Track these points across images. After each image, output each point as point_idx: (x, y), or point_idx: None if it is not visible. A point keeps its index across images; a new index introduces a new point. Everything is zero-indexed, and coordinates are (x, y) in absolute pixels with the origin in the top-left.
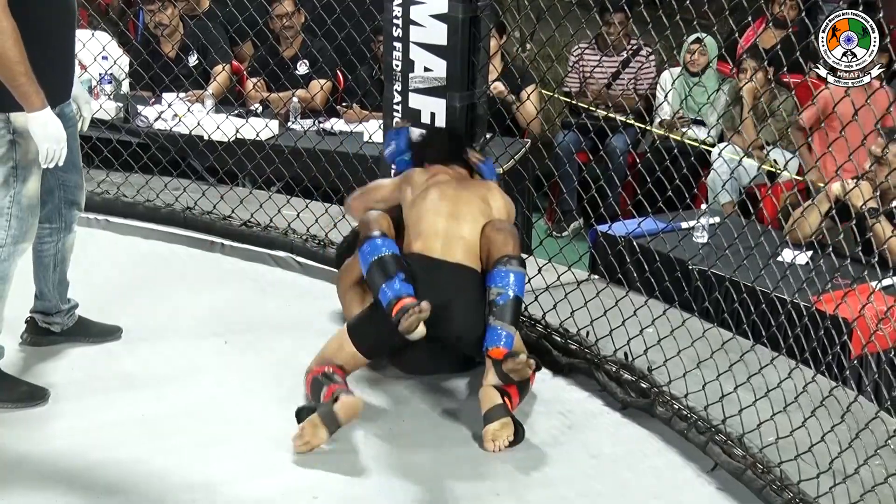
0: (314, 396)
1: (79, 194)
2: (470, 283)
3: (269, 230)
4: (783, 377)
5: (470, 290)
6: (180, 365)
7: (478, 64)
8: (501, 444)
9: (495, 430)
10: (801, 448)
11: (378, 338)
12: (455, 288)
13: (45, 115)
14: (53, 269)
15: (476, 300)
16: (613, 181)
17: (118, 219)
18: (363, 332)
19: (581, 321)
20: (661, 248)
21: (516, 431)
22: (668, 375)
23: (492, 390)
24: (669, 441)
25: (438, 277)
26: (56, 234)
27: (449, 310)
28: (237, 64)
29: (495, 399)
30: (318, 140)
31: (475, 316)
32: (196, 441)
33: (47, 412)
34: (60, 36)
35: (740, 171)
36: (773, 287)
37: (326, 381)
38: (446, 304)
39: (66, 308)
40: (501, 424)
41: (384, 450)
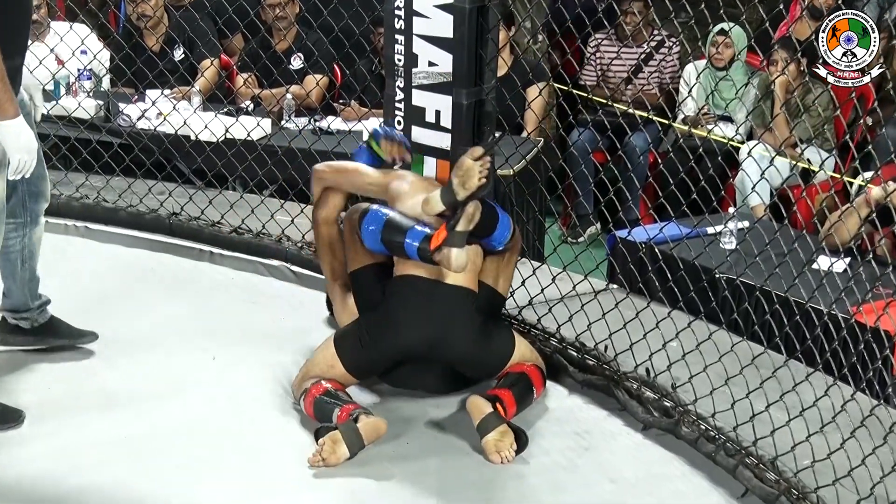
0: (321, 418)
1: (42, 184)
2: (469, 304)
3: (261, 237)
4: (819, 395)
5: (469, 312)
6: (165, 382)
7: (486, 57)
8: (507, 454)
9: (495, 441)
10: (840, 472)
11: (370, 362)
12: (454, 311)
13: (19, 125)
14: (22, 265)
15: (477, 322)
16: (633, 183)
17: (98, 225)
18: (353, 357)
19: (599, 334)
20: (686, 255)
21: (518, 437)
22: (694, 393)
23: (479, 399)
24: (695, 464)
25: (436, 300)
26: (21, 228)
27: (449, 334)
28: (226, 58)
29: (484, 408)
30: (313, 140)
31: (476, 339)
32: (181, 463)
33: (22, 433)
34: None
35: (772, 172)
36: (809, 297)
37: (335, 401)
38: (446, 328)
39: (36, 305)
40: (499, 434)
41: (387, 474)
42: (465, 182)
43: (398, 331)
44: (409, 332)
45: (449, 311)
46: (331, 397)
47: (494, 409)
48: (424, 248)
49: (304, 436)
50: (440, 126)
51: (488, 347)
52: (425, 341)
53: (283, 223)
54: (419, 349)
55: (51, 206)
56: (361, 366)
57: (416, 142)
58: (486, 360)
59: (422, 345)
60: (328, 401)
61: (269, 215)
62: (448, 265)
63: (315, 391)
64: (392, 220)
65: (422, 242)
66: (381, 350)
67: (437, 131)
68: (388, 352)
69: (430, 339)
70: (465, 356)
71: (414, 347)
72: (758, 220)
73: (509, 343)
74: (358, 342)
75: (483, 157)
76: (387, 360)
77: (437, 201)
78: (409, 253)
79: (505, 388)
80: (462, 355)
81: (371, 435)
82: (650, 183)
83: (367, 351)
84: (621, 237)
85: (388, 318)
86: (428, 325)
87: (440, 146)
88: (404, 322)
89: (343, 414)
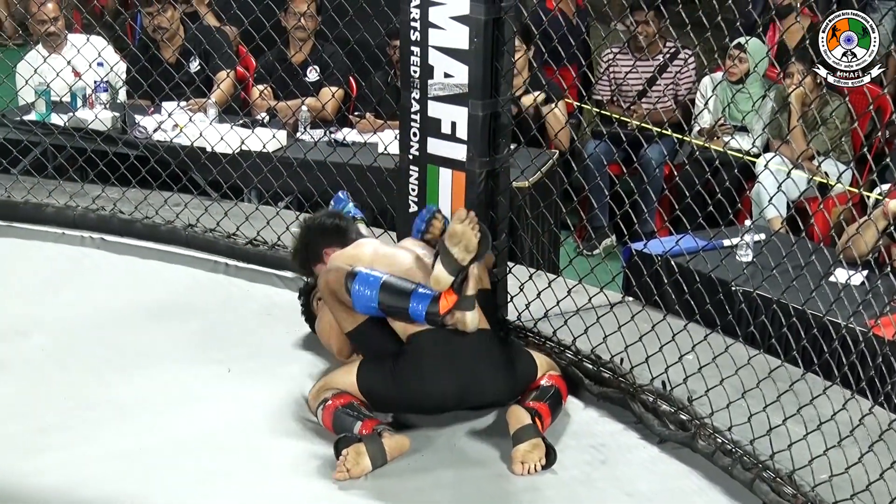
0: (339, 429)
1: None
2: (487, 343)
3: (276, 249)
4: (837, 408)
5: (490, 352)
6: (179, 394)
7: (502, 69)
8: (532, 467)
9: (525, 452)
10: (858, 486)
11: (392, 404)
12: (478, 355)
13: None
14: None
15: (499, 359)
16: (649, 195)
17: (114, 237)
18: (375, 392)
19: (614, 347)
20: (702, 267)
21: (548, 454)
22: (711, 406)
23: (520, 410)
24: (712, 478)
25: (458, 348)
26: None
27: (478, 379)
28: (242, 70)
29: (524, 419)
30: (329, 152)
31: (504, 375)
32: (195, 477)
33: (35, 444)
34: None
35: (788, 184)
36: (826, 310)
37: (357, 413)
38: (474, 374)
39: None
40: (532, 445)
41: (403, 487)
42: (466, 247)
43: (424, 386)
44: (438, 388)
45: (472, 359)
46: (353, 410)
47: (533, 422)
48: (433, 312)
49: (318, 449)
50: (456, 137)
51: (514, 377)
52: (455, 395)
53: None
54: (449, 402)
55: (67, 217)
56: (382, 402)
57: (431, 153)
58: (514, 388)
59: (452, 398)
60: (350, 413)
61: (284, 227)
62: (464, 328)
63: (336, 402)
64: (389, 284)
65: (430, 307)
66: (408, 398)
67: (452, 142)
68: (414, 401)
69: (460, 391)
70: (497, 396)
71: (444, 401)
72: (774, 233)
73: (532, 363)
74: (383, 380)
75: (468, 215)
76: (410, 408)
77: (445, 275)
78: (414, 317)
79: (541, 401)
80: (494, 396)
81: (395, 451)
82: (666, 195)
83: (390, 392)
84: (637, 249)
85: (414, 370)
86: (456, 378)
87: (456, 157)
88: (430, 377)
89: (366, 427)
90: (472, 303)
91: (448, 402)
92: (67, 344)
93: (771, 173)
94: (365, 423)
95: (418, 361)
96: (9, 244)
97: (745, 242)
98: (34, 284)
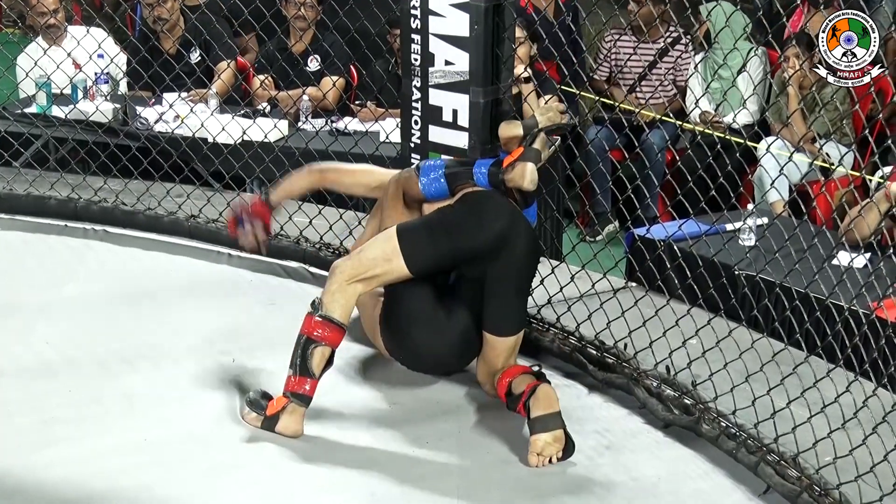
0: (298, 361)
1: None
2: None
3: (279, 239)
4: (841, 391)
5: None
6: (185, 385)
7: (502, 56)
8: (546, 460)
9: (546, 444)
10: (862, 468)
11: (437, 258)
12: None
13: None
14: None
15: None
16: (651, 180)
17: (117, 229)
18: (418, 251)
19: (618, 333)
20: (705, 252)
21: (566, 447)
22: (715, 390)
23: (553, 393)
24: (716, 462)
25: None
26: None
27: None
28: (242, 60)
29: (555, 405)
30: (330, 141)
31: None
32: (203, 469)
33: (43, 438)
34: None
35: (790, 168)
36: (829, 293)
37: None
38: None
39: None
40: (554, 437)
41: (407, 475)
42: (547, 113)
43: (482, 223)
44: (493, 224)
45: (515, 210)
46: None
47: (560, 410)
48: (495, 171)
49: (324, 439)
50: (457, 125)
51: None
52: (500, 233)
53: (301, 225)
54: (493, 243)
55: (69, 209)
56: (426, 261)
57: (433, 141)
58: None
59: (497, 238)
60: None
61: (286, 217)
62: (521, 179)
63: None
64: (452, 161)
65: (491, 167)
66: (456, 244)
67: (454, 130)
68: (463, 245)
69: (504, 230)
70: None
71: (491, 240)
72: (776, 217)
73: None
74: (426, 235)
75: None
76: (455, 257)
77: (517, 123)
78: (477, 179)
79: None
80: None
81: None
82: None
83: (435, 245)
84: (640, 235)
85: (472, 211)
86: (504, 218)
87: (457, 145)
88: (487, 213)
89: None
90: (538, 157)
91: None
92: (73, 336)
93: (773, 157)
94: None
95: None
96: (12, 237)
97: (747, 226)
98: (38, 277)
